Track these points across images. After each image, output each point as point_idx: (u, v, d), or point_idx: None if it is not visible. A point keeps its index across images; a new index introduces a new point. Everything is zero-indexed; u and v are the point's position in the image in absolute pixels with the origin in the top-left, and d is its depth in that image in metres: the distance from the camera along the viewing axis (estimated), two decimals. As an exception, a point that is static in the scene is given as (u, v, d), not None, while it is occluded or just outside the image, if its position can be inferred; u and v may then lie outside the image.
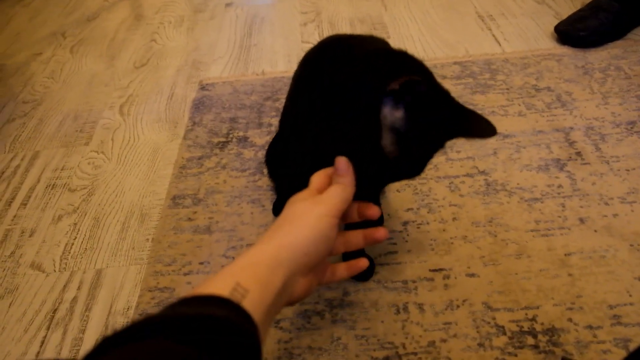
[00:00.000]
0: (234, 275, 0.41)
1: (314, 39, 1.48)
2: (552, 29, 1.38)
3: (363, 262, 0.57)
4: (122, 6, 1.80)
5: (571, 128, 1.06)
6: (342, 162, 0.52)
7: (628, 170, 0.96)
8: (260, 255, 0.44)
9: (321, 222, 0.48)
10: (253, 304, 0.40)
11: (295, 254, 0.46)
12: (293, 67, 1.38)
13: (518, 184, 0.96)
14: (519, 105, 1.14)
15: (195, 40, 1.56)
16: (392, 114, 0.53)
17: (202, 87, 1.32)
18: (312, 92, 0.61)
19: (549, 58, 1.27)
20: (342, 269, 0.57)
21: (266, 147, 1.09)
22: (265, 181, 1.02)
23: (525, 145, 1.03)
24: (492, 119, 0.56)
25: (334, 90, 0.56)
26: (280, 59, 1.42)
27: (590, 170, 0.97)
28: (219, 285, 0.40)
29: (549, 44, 1.34)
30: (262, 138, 1.13)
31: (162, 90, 1.35)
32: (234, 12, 1.69)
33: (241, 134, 1.15)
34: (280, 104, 1.23)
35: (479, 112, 0.57)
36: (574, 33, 1.30)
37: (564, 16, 1.41)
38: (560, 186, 0.94)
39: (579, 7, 1.42)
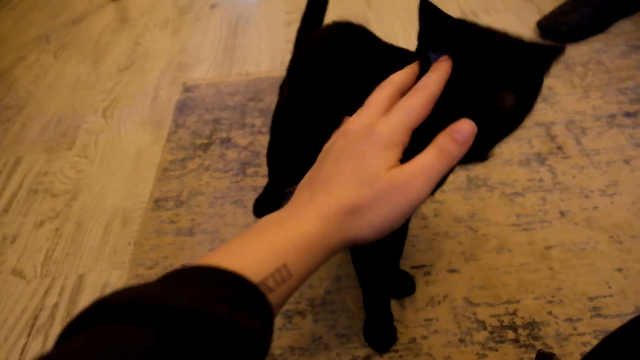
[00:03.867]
0: (286, 253, 0.33)
1: (298, 39, 1.48)
2: (534, 24, 1.38)
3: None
4: (107, 9, 1.80)
5: (552, 122, 1.06)
6: (467, 125, 0.37)
7: (608, 162, 0.96)
8: (319, 234, 0.35)
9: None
10: (285, 292, 0.33)
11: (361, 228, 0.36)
12: (277, 66, 1.40)
13: (499, 178, 0.96)
14: (501, 100, 1.14)
15: (180, 42, 1.56)
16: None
17: (186, 89, 1.32)
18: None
19: (531, 53, 1.27)
20: None
21: (249, 147, 1.09)
22: (247, 182, 1.02)
23: (507, 140, 1.03)
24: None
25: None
26: (265, 59, 1.42)
27: (571, 164, 0.97)
28: (260, 259, 0.33)
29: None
30: (245, 139, 1.13)
31: (146, 93, 1.34)
32: (219, 14, 1.69)
33: (224, 135, 1.15)
34: (264, 104, 1.23)
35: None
36: (555, 28, 1.30)
37: (547, 11, 1.41)
38: (541, 180, 0.94)
39: (562, 2, 1.42)
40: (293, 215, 0.36)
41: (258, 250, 0.33)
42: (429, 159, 0.36)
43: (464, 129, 0.36)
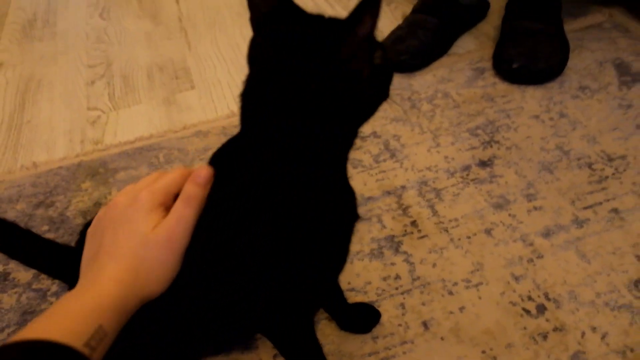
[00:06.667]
0: (99, 316, 0.38)
1: (104, 103, 1.21)
2: (373, 51, 1.22)
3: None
4: None
5: (403, 187, 0.90)
6: (204, 170, 0.44)
7: (469, 237, 0.82)
8: (119, 297, 0.40)
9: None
10: (104, 349, 0.37)
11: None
12: (76, 147, 1.11)
13: (349, 282, 0.78)
14: (343, 166, 0.96)
15: (-49, 124, 1.22)
16: None
17: (-49, 202, 1.00)
18: None
19: (373, 91, 1.11)
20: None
21: (33, 285, 0.83)
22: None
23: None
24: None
25: None
26: (60, 138, 1.13)
27: (429, 246, 0.81)
28: (78, 325, 0.36)
29: (371, 73, 1.18)
30: (28, 271, 0.86)
31: None
32: (3, 77, 1.35)
33: (0, 268, 0.87)
34: (56, 209, 0.96)
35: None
36: (395, 57, 1.15)
37: (386, 32, 1.25)
38: (397, 277, 0.78)
39: (400, 19, 1.27)
40: (91, 285, 0.40)
41: (73, 317, 0.37)
42: (179, 209, 0.42)
43: (202, 173, 0.43)
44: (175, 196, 0.44)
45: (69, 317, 0.37)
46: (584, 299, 0.73)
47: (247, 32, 0.48)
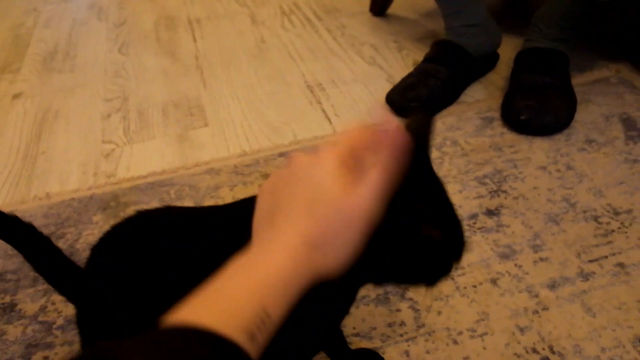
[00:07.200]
0: (262, 296, 0.33)
1: (118, 137, 1.24)
2: (384, 95, 1.25)
3: None
4: None
5: (410, 233, 0.91)
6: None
7: (475, 286, 0.82)
8: (291, 271, 0.34)
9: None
10: (266, 335, 0.33)
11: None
12: (89, 180, 1.13)
13: (355, 327, 0.78)
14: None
15: (-33, 151, 1.25)
16: None
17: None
18: None
19: (383, 135, 1.13)
20: None
21: (39, 318, 0.83)
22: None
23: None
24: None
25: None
26: (74, 170, 1.15)
27: (435, 293, 0.82)
28: (239, 309, 0.32)
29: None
30: (35, 302, 0.87)
31: None
32: (22, 107, 1.39)
33: (7, 299, 0.88)
34: (67, 241, 0.97)
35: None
36: (405, 105, 1.18)
37: (397, 78, 1.29)
38: (402, 324, 0.78)
39: (410, 66, 1.31)
40: (260, 254, 0.36)
41: (236, 300, 0.33)
42: (376, 178, 0.36)
43: (399, 138, 0.38)
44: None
45: (231, 295, 0.33)
46: (589, 353, 0.73)
47: (262, 73, 0.50)
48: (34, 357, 0.79)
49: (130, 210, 1.02)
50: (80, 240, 0.97)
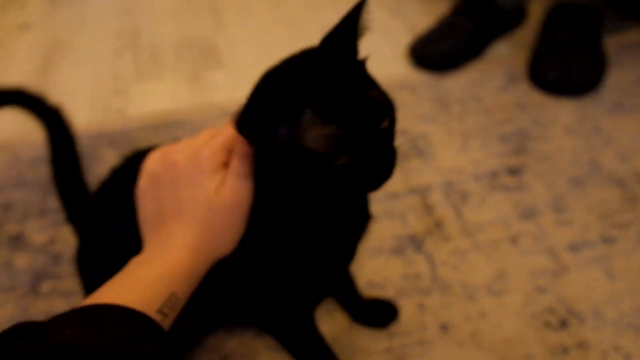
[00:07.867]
0: (171, 283, 0.39)
1: (129, 75, 1.19)
2: (405, 47, 1.21)
3: None
4: None
5: (428, 187, 0.89)
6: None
7: (494, 242, 0.80)
8: (192, 263, 0.41)
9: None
10: (175, 314, 0.39)
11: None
12: (98, 116, 1.09)
13: (369, 278, 0.76)
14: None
15: (-27, 80, 1.21)
16: None
17: (-32, 157, 0.99)
18: None
19: (403, 88, 1.09)
20: None
21: (47, 248, 0.81)
22: (41, 306, 0.75)
23: (377, 217, 0.84)
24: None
25: None
26: (83, 105, 1.12)
27: (452, 248, 0.80)
28: (152, 291, 0.38)
29: (402, 69, 1.17)
30: (43, 233, 0.85)
31: None
32: (28, 38, 1.34)
33: (15, 228, 0.86)
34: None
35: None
36: (430, 57, 1.13)
37: (419, 30, 1.24)
38: (417, 276, 0.76)
39: (433, 19, 1.25)
40: (161, 251, 0.42)
41: (146, 284, 0.38)
42: (240, 169, 0.43)
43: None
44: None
45: (141, 284, 0.38)
46: (608, 317, 0.71)
47: (278, 19, 0.47)
48: (43, 285, 0.77)
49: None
50: (89, 176, 0.94)
